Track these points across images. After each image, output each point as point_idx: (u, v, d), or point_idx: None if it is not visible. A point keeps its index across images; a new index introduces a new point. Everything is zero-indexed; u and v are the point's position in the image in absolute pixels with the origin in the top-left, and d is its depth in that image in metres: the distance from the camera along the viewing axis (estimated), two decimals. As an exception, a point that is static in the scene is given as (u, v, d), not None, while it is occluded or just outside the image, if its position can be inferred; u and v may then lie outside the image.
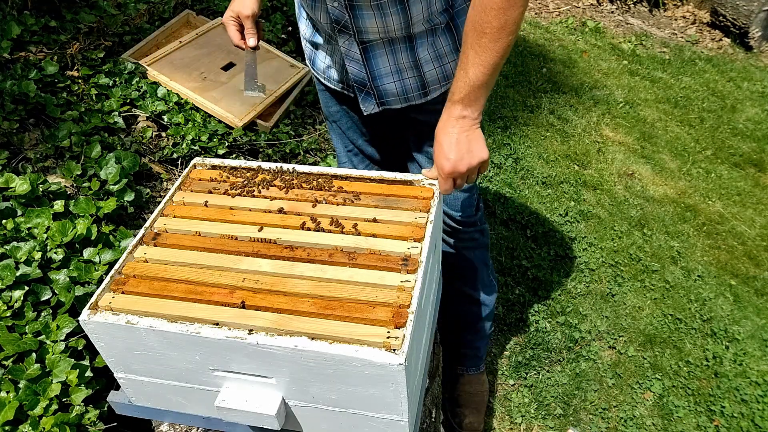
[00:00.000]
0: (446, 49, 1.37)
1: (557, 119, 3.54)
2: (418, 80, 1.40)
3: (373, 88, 1.41)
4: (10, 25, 2.19)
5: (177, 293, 1.06)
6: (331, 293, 1.04)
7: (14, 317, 1.48)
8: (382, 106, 1.45)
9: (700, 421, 2.10)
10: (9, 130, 1.90)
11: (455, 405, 2.01)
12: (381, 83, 1.40)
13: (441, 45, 1.36)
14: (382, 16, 1.27)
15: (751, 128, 3.70)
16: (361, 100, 1.45)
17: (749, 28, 4.49)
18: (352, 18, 1.29)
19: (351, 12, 1.27)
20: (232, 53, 2.61)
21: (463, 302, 1.88)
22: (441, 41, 1.35)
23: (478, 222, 1.74)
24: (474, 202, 1.69)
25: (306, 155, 2.56)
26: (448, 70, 1.39)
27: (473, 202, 1.68)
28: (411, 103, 1.44)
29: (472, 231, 1.73)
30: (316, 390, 1.03)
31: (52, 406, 1.38)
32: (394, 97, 1.43)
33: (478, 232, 1.75)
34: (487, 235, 1.80)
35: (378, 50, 1.35)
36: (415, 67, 1.37)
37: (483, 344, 2.01)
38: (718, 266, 2.70)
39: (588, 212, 2.89)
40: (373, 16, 1.27)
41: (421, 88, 1.41)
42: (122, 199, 1.85)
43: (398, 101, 1.44)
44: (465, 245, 1.75)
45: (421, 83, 1.40)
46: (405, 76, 1.39)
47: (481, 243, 1.78)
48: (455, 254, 1.76)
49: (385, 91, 1.42)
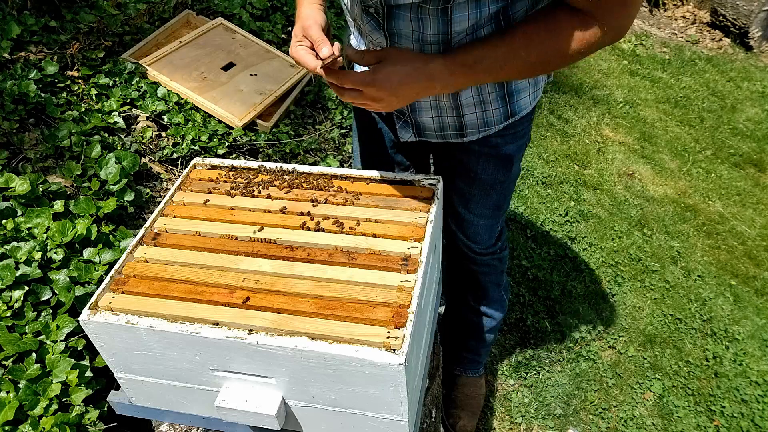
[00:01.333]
0: (491, 96, 1.26)
1: (557, 119, 3.54)
2: (456, 121, 1.31)
3: (411, 119, 1.36)
4: (10, 25, 2.19)
5: (177, 293, 1.06)
6: (331, 293, 1.04)
7: (14, 317, 1.48)
8: (419, 136, 1.40)
9: (700, 421, 2.10)
10: (9, 130, 1.90)
11: (451, 406, 2.01)
12: (419, 116, 1.34)
13: (487, 91, 1.25)
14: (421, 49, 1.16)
15: (751, 128, 3.70)
16: (399, 128, 1.40)
17: (749, 28, 4.49)
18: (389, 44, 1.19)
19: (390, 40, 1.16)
20: (232, 53, 2.61)
21: (470, 313, 1.85)
22: (488, 87, 1.25)
23: (498, 250, 1.68)
24: (496, 232, 1.62)
25: (306, 155, 2.56)
26: (490, 117, 1.29)
27: (495, 232, 1.62)
28: (448, 140, 1.38)
29: (489, 258, 1.67)
30: (316, 390, 1.03)
31: (52, 406, 1.38)
32: (431, 132, 1.37)
33: (496, 259, 1.69)
34: (505, 261, 1.73)
35: None
36: (456, 108, 1.28)
37: (485, 350, 2.00)
38: (718, 266, 2.70)
39: (588, 212, 2.89)
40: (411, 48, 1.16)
41: (459, 129, 1.34)
42: (122, 199, 1.85)
43: (435, 136, 1.38)
44: (480, 269, 1.70)
45: (459, 124, 1.32)
46: (444, 114, 1.31)
47: (497, 269, 1.72)
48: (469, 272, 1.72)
49: (423, 124, 1.36)
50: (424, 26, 1.08)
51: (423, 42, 1.12)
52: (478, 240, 1.60)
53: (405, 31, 1.11)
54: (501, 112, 1.29)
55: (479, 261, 1.67)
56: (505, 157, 1.40)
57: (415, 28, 1.10)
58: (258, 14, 3.01)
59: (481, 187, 1.47)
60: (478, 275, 1.73)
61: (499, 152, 1.38)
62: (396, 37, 1.14)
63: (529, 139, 1.45)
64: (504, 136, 1.35)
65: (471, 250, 1.63)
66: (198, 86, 2.43)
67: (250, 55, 2.65)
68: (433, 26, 1.08)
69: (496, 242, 1.65)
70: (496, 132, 1.33)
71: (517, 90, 1.27)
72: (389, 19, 1.10)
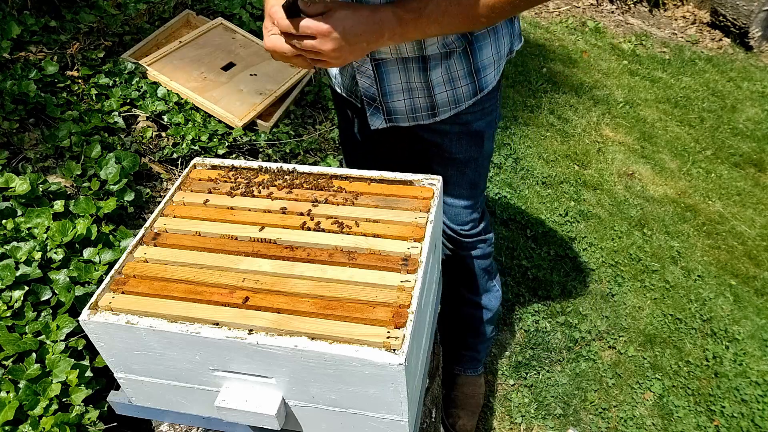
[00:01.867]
0: (460, 73, 1.34)
1: (557, 119, 3.54)
2: (427, 101, 1.38)
3: (382, 104, 1.40)
4: (10, 25, 2.19)
5: (177, 293, 1.06)
6: (331, 293, 1.04)
7: (14, 317, 1.48)
8: (390, 122, 1.43)
9: (700, 421, 2.10)
10: (9, 130, 1.90)
11: (450, 405, 2.01)
12: (390, 100, 1.39)
13: (455, 68, 1.33)
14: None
15: (751, 128, 3.70)
16: (370, 115, 1.44)
17: (749, 28, 4.49)
18: None
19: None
20: (232, 53, 2.61)
21: (465, 306, 1.88)
22: (456, 65, 1.33)
23: (482, 232, 1.72)
24: (477, 215, 1.67)
25: (306, 155, 2.56)
26: (460, 94, 1.37)
27: (476, 216, 1.67)
28: (419, 122, 1.42)
29: (474, 241, 1.71)
30: (316, 390, 1.03)
31: (52, 406, 1.38)
32: (403, 115, 1.41)
33: (481, 242, 1.73)
34: (491, 245, 1.78)
35: (390, 67, 1.33)
36: (426, 87, 1.35)
37: (484, 348, 2.00)
38: (718, 266, 2.70)
39: (588, 212, 2.89)
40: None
41: (430, 109, 1.39)
42: (122, 199, 1.85)
43: (406, 119, 1.42)
44: (466, 254, 1.74)
45: (430, 104, 1.38)
46: (415, 95, 1.37)
47: (483, 253, 1.76)
48: (456, 260, 1.75)
49: (394, 109, 1.40)
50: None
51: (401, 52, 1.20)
52: (460, 221, 1.65)
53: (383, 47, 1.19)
54: (470, 88, 1.36)
55: (465, 244, 1.71)
56: (476, 133, 1.46)
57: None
58: (258, 14, 3.01)
59: (456, 167, 1.53)
60: (468, 261, 1.75)
61: (470, 129, 1.45)
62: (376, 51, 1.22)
63: (499, 117, 1.52)
64: (474, 113, 1.43)
65: (456, 233, 1.67)
66: (198, 86, 2.43)
67: (250, 55, 2.65)
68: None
69: (479, 223, 1.70)
70: (465, 108, 1.39)
71: (483, 66, 1.35)
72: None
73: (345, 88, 1.50)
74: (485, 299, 1.86)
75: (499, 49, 1.36)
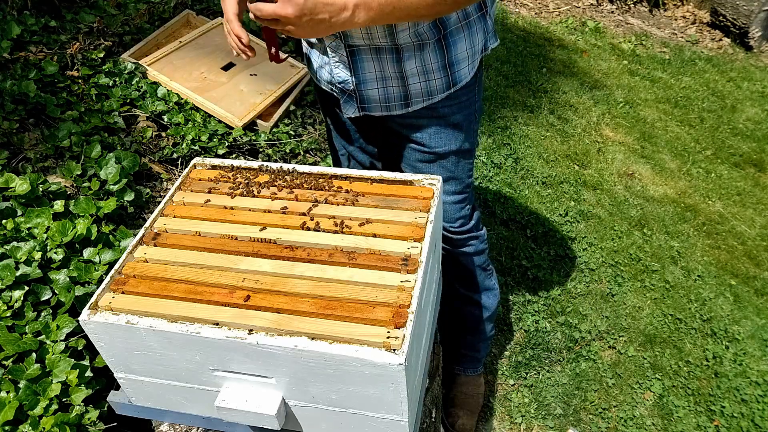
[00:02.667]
0: (434, 66, 1.36)
1: (557, 119, 3.54)
2: (401, 90, 1.40)
3: (356, 92, 1.42)
4: (10, 25, 2.19)
5: (177, 293, 1.06)
6: (331, 293, 1.04)
7: (14, 317, 1.48)
8: (363, 111, 1.45)
9: (700, 421, 2.10)
10: (9, 130, 1.90)
11: (450, 405, 2.01)
12: (364, 88, 1.41)
13: (429, 61, 1.35)
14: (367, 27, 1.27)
15: (751, 128, 3.70)
16: (343, 103, 1.46)
17: (749, 28, 4.49)
18: None
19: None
20: (232, 53, 2.61)
21: (463, 304, 1.88)
22: (430, 57, 1.35)
23: (474, 229, 1.73)
24: (467, 212, 1.68)
25: (306, 155, 2.56)
26: (433, 87, 1.39)
27: (465, 212, 1.68)
28: (392, 112, 1.44)
29: (466, 238, 1.72)
30: (316, 390, 1.03)
31: (52, 406, 1.38)
32: (376, 104, 1.43)
33: (473, 239, 1.74)
34: (483, 241, 1.79)
35: (365, 55, 1.35)
36: (401, 77, 1.38)
37: (483, 347, 2.00)
38: (718, 266, 2.70)
39: (588, 212, 2.89)
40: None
41: (404, 99, 1.41)
42: (122, 199, 1.86)
43: (379, 108, 1.44)
44: (460, 251, 1.75)
45: (404, 94, 1.40)
46: (389, 84, 1.39)
47: (477, 249, 1.77)
48: (452, 258, 1.76)
49: (368, 97, 1.42)
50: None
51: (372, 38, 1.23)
52: (449, 218, 1.65)
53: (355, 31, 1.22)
54: (443, 81, 1.39)
55: (458, 242, 1.71)
56: (453, 125, 1.48)
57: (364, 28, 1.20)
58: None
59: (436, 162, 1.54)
60: (462, 258, 1.76)
61: (448, 122, 1.47)
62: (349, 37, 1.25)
63: (479, 111, 1.54)
64: (450, 106, 1.44)
65: (447, 231, 1.68)
66: (198, 86, 2.43)
67: (250, 55, 2.65)
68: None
69: (470, 220, 1.70)
70: (440, 101, 1.42)
71: (457, 60, 1.38)
72: None
73: (325, 80, 1.51)
74: (483, 297, 1.87)
75: (473, 44, 1.38)
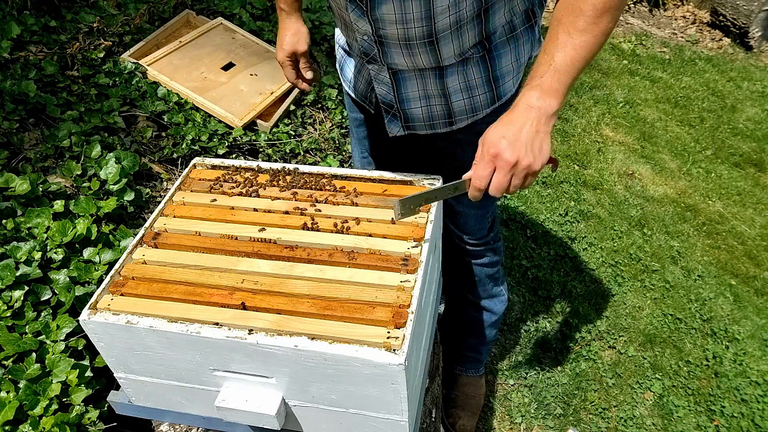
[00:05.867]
0: (477, 81, 1.29)
1: (557, 119, 3.54)
2: (445, 108, 1.35)
3: (399, 111, 1.38)
4: (10, 25, 2.19)
5: (176, 295, 1.06)
6: (330, 294, 1.04)
7: (14, 317, 1.48)
8: (408, 129, 1.42)
9: (700, 421, 2.10)
10: (9, 130, 1.90)
11: (451, 405, 2.01)
12: (408, 107, 1.36)
13: (473, 76, 1.29)
14: (411, 55, 1.24)
15: (751, 128, 3.70)
16: (387, 122, 1.42)
17: (749, 28, 4.49)
18: (381, 53, 1.26)
19: (380, 48, 1.25)
20: (232, 53, 2.61)
21: (469, 309, 1.86)
22: (473, 72, 1.28)
23: (491, 241, 1.69)
24: (487, 222, 1.63)
25: (306, 155, 2.56)
26: (477, 103, 1.33)
27: (486, 223, 1.63)
28: (436, 130, 1.40)
29: (483, 249, 1.69)
30: (316, 390, 1.03)
31: (52, 406, 1.38)
32: (420, 123, 1.39)
33: (490, 250, 1.70)
34: (500, 253, 1.75)
35: (407, 74, 1.31)
36: (443, 95, 1.32)
37: (485, 349, 2.00)
38: (718, 266, 2.70)
39: (588, 212, 2.89)
40: (401, 54, 1.24)
41: (447, 117, 1.36)
42: (122, 199, 1.85)
43: (424, 127, 1.40)
44: (474, 261, 1.71)
45: (447, 112, 1.35)
46: (432, 102, 1.34)
47: (491, 261, 1.74)
48: (463, 266, 1.73)
49: (412, 116, 1.38)
50: (406, 7, 1.13)
51: (406, 23, 1.17)
52: (470, 231, 1.62)
53: (388, 15, 1.16)
54: (488, 96, 1.32)
55: (474, 252, 1.69)
56: None
57: (398, 11, 1.14)
58: (258, 14, 3.01)
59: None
60: (474, 268, 1.74)
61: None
62: (380, 22, 1.19)
63: None
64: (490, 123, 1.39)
65: (464, 242, 1.65)
66: (198, 86, 2.43)
67: (250, 55, 2.65)
68: (415, 6, 1.12)
69: (489, 233, 1.67)
70: (482, 117, 1.35)
71: (502, 74, 1.30)
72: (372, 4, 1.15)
73: (360, 93, 1.48)
74: (490, 304, 1.85)
75: (519, 56, 1.30)
